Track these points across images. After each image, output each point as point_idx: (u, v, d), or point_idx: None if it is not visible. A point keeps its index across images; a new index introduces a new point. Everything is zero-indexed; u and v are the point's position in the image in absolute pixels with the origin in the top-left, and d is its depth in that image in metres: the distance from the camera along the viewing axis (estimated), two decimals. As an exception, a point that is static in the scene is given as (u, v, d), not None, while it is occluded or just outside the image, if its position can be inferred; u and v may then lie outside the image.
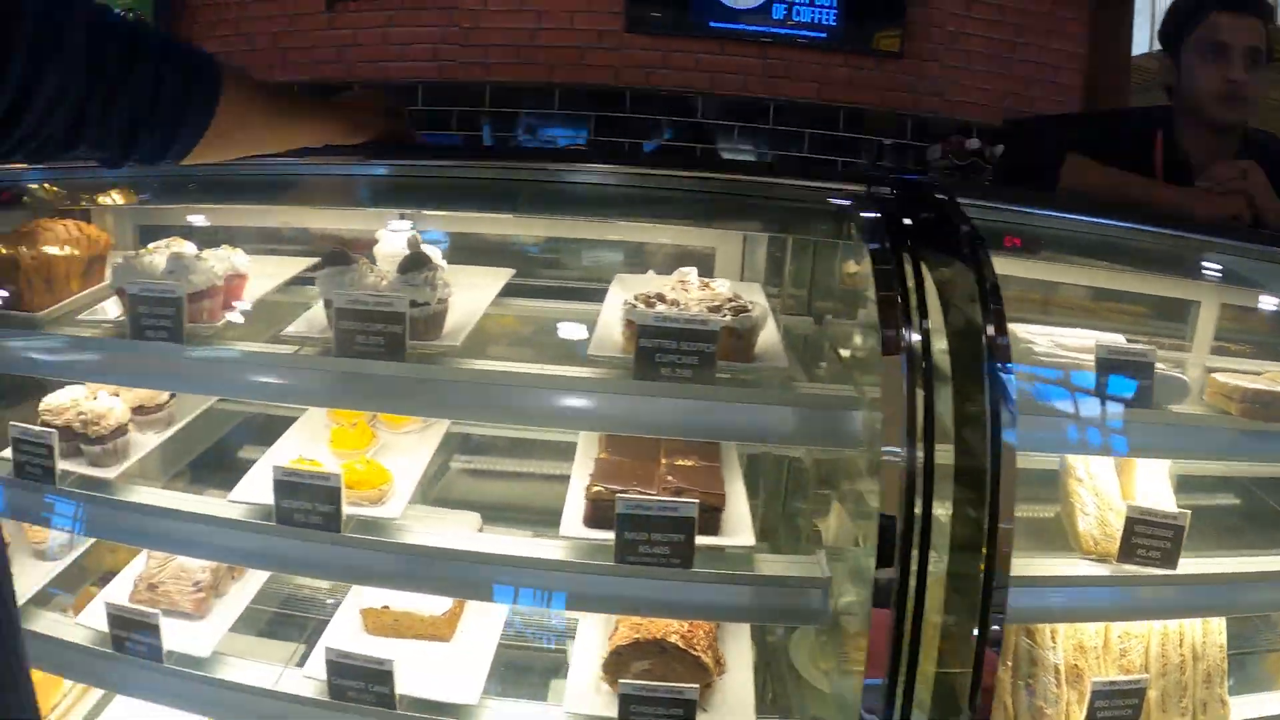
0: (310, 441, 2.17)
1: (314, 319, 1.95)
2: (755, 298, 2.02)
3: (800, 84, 6.09)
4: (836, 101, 6.13)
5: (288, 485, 1.76)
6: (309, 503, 1.75)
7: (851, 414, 1.73)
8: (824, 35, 6.04)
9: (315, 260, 2.35)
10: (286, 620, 2.38)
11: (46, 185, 2.30)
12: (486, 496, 2.31)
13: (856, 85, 6.13)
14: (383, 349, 1.72)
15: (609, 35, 5.84)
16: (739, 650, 2.11)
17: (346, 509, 1.79)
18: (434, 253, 2.11)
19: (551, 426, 2.17)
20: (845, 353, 2.03)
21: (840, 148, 6.11)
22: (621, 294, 2.07)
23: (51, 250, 2.17)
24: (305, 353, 1.86)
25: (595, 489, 1.84)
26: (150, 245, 2.15)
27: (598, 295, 2.16)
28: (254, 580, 2.28)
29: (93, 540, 2.39)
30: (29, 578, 2.29)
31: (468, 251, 2.36)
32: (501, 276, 2.25)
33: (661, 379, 1.70)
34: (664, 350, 1.69)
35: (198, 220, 2.44)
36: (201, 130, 1.39)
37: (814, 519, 2.16)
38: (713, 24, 5.94)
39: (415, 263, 1.84)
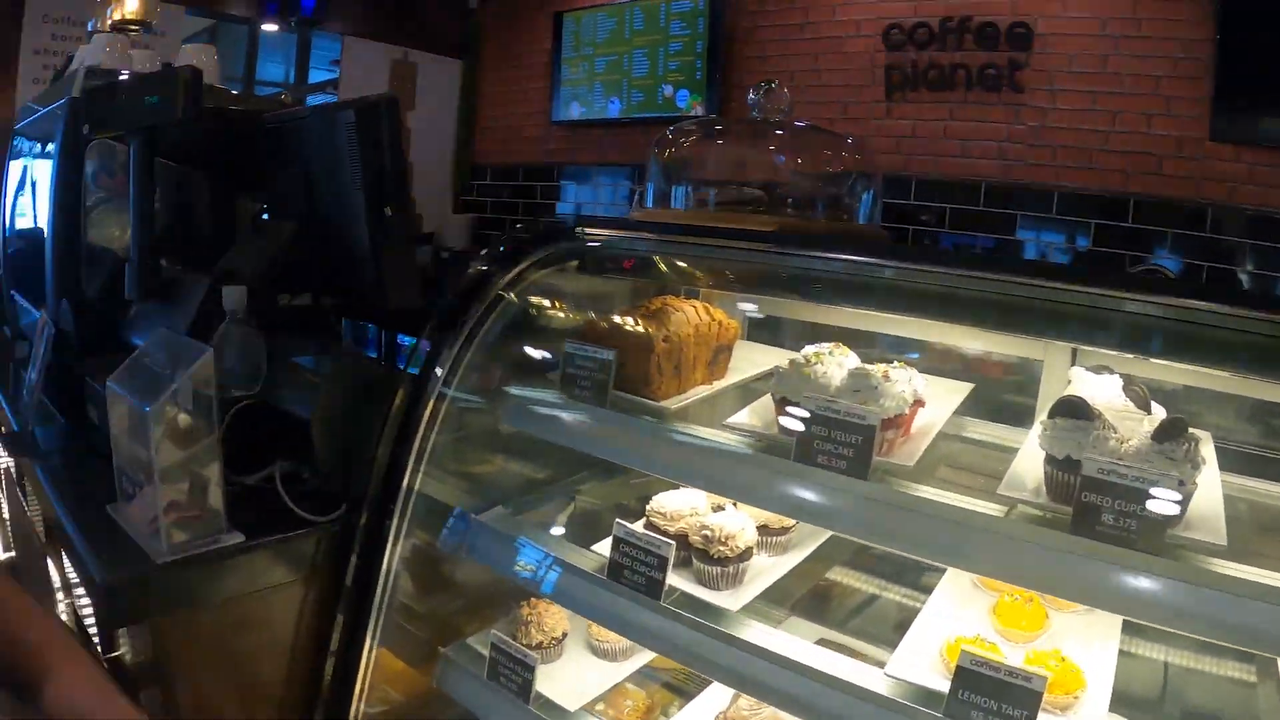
0: (965, 606, 1.82)
1: (1023, 476, 1.60)
2: None
3: None
4: None
5: (972, 676, 1.40)
6: (994, 701, 1.38)
7: None
8: None
9: (967, 386, 2.03)
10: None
11: (672, 260, 2.12)
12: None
13: None
14: (1133, 534, 1.35)
15: (1189, 143, 5.15)
16: None
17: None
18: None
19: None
20: None
21: None
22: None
23: (684, 334, 1.98)
24: (1017, 511, 1.52)
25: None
26: (810, 350, 1.89)
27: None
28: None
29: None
30: (588, 675, 2.14)
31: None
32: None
33: None
34: None
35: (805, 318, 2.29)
36: None
37: None
38: (1316, 137, 5.15)
39: (1173, 430, 1.44)
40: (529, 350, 2.21)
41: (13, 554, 4.35)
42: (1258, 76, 4.83)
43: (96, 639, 2.34)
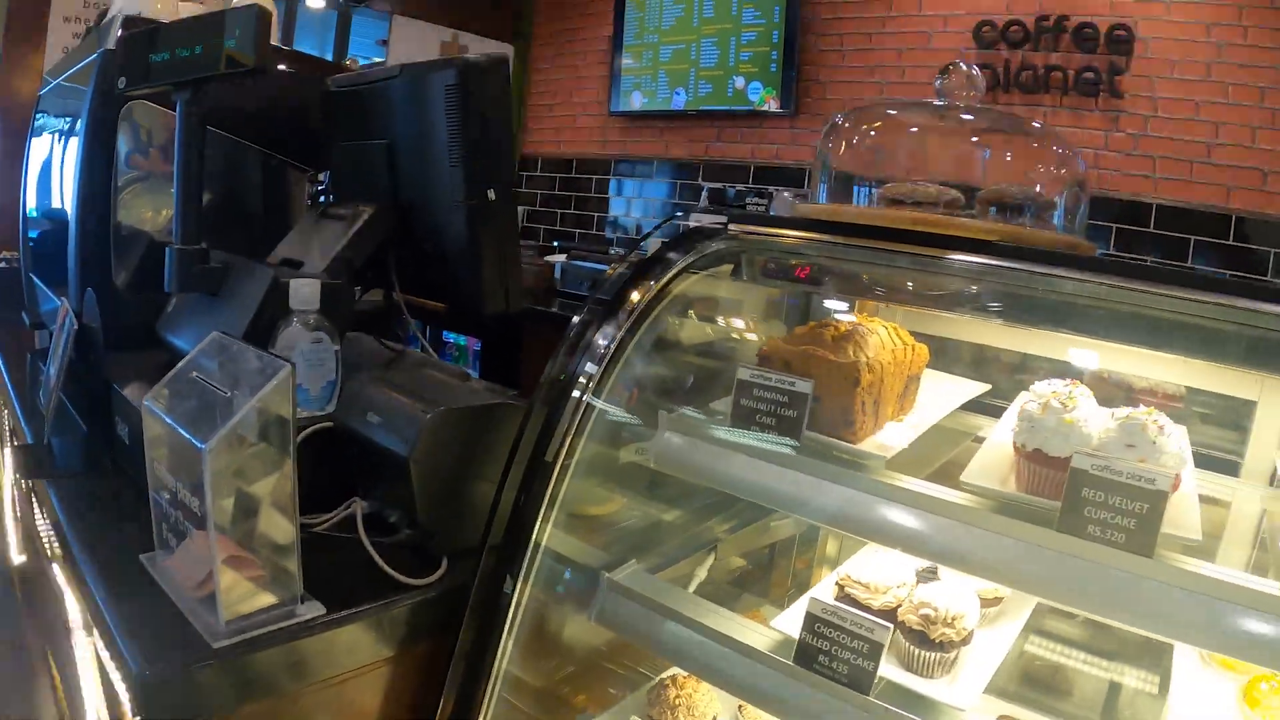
0: (1207, 690, 1.49)
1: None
2: None
3: None
4: None
5: None
6: None
7: None
8: None
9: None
10: None
11: (851, 269, 1.72)
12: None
13: None
14: None
15: None
16: None
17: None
18: None
19: None
20: None
21: None
22: None
23: (884, 362, 1.57)
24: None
25: None
26: (1047, 389, 1.53)
27: None
28: None
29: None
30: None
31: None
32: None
33: None
34: None
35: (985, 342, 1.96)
36: None
37: None
38: None
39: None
40: (682, 376, 1.82)
41: (23, 559, 3.98)
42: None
43: (128, 706, 1.93)
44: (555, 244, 7.36)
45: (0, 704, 3.67)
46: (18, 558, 4.16)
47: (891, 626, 1.37)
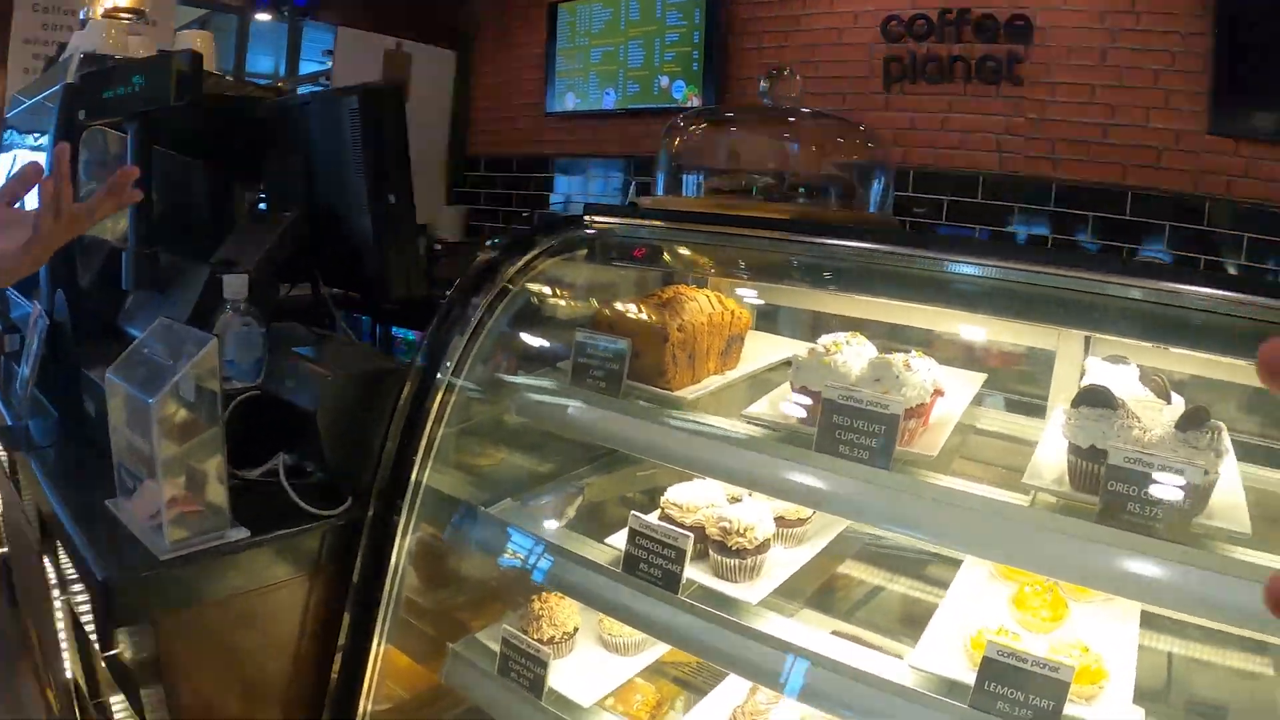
0: (985, 597, 1.76)
1: (1046, 465, 1.57)
2: None
3: None
4: None
5: (999, 667, 1.34)
6: (1020, 692, 1.32)
7: None
8: None
9: (980, 376, 2.01)
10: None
11: (682, 249, 2.09)
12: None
13: None
14: (1160, 522, 1.32)
15: (1188, 137, 5.07)
16: None
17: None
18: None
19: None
20: None
21: None
22: None
23: (698, 323, 1.94)
24: (1041, 500, 1.49)
25: None
26: (829, 339, 1.85)
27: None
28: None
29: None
30: (599, 670, 2.07)
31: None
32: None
33: None
34: None
35: (816, 308, 2.25)
36: None
37: None
38: (1313, 132, 5.08)
39: (1196, 420, 1.42)
40: (538, 341, 2.18)
41: (5, 549, 4.32)
42: (1257, 70, 4.78)
43: (94, 637, 2.30)
44: (498, 240, 7.71)
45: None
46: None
47: (691, 535, 1.72)
